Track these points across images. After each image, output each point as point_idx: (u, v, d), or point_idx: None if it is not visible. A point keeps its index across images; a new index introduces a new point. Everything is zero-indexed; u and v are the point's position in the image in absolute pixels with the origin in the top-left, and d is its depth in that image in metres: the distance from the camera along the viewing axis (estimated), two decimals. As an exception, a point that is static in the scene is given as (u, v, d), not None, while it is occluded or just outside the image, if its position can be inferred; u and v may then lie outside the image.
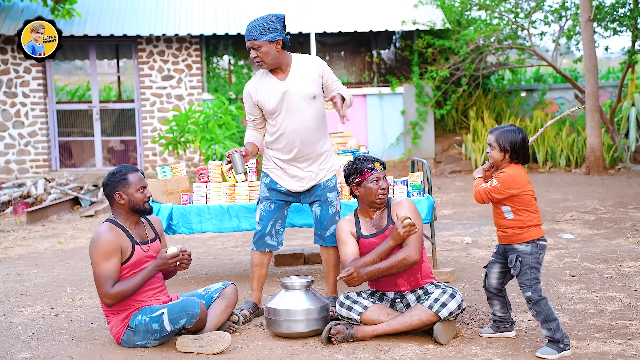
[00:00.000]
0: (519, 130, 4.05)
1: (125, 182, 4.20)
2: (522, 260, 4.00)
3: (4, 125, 13.16)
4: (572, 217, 8.27)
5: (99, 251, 4.11)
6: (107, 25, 13.02)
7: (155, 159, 13.39)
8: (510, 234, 4.05)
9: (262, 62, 4.61)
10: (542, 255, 4.05)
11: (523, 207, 4.02)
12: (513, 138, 4.03)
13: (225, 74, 13.90)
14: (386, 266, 4.23)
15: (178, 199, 5.66)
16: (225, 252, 7.23)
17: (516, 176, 4.01)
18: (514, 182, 4.00)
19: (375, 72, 14.51)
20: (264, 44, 4.55)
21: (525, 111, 14.69)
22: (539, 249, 4.03)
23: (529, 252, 4.01)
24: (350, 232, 4.41)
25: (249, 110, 4.79)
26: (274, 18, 4.59)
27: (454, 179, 12.75)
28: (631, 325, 4.32)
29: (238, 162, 4.57)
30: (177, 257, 4.17)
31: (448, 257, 6.49)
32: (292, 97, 4.64)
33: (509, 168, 4.05)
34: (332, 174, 4.86)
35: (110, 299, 4.12)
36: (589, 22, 11.91)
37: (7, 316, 4.94)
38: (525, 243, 4.02)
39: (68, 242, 7.86)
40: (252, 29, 4.56)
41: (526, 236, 4.02)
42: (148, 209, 4.26)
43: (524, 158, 4.06)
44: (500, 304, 4.23)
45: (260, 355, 4.02)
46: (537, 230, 4.03)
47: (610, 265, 5.94)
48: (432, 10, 13.87)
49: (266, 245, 4.80)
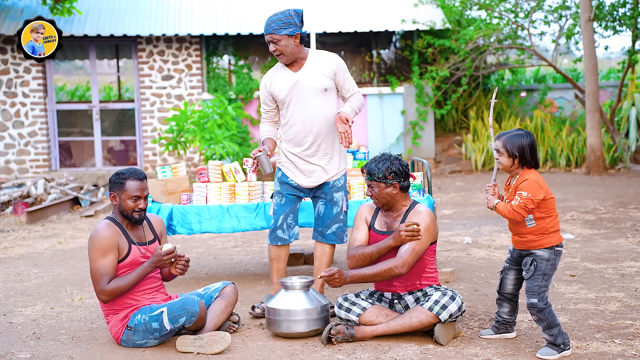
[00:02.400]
0: (527, 135, 3.96)
1: (121, 186, 4.21)
2: (537, 266, 3.92)
3: (4, 125, 13.16)
4: (572, 217, 8.27)
5: (96, 247, 4.12)
6: (107, 25, 13.02)
7: (155, 159, 13.38)
8: (529, 240, 3.97)
9: (281, 55, 4.69)
10: (557, 262, 3.98)
11: (546, 212, 3.93)
12: (521, 142, 3.94)
13: (225, 74, 13.90)
14: (371, 273, 4.19)
15: (178, 199, 5.66)
16: (225, 252, 7.23)
17: (540, 180, 3.93)
18: (540, 187, 3.90)
19: (375, 72, 14.51)
20: (283, 37, 4.64)
21: (525, 111, 14.69)
22: (556, 255, 3.96)
23: (547, 258, 3.93)
24: (366, 219, 4.42)
25: (263, 100, 4.92)
26: (292, 13, 4.68)
27: (454, 179, 12.75)
28: (631, 325, 4.32)
29: (265, 162, 4.72)
30: (172, 253, 4.16)
31: (448, 257, 6.49)
32: (302, 87, 4.73)
33: (528, 174, 3.95)
34: (341, 174, 4.89)
35: (106, 295, 4.13)
36: (589, 22, 11.90)
37: (7, 316, 4.94)
38: (545, 249, 3.94)
39: (68, 242, 7.86)
40: (272, 23, 4.65)
41: (546, 242, 3.94)
42: (136, 218, 4.22)
43: (534, 163, 3.98)
44: (510, 307, 4.19)
45: (260, 355, 4.02)
46: (557, 236, 3.96)
47: (610, 265, 5.94)
48: (432, 10, 13.87)
49: (278, 239, 4.86)
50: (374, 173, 4.29)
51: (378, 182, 4.29)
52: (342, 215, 4.88)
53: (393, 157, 4.36)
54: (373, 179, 4.29)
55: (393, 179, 4.28)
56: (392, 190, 4.29)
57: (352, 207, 5.41)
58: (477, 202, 10.02)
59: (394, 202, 4.33)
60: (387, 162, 4.31)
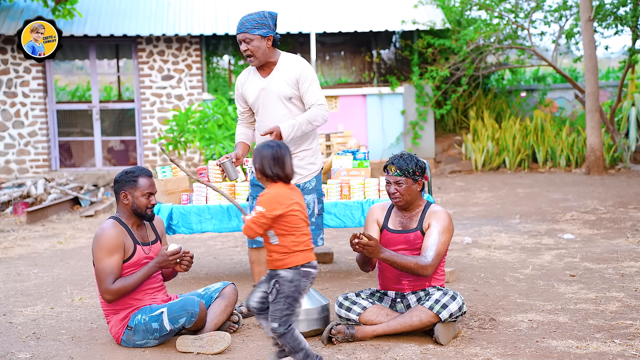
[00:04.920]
0: (272, 146, 3.66)
1: (134, 184, 4.22)
2: (280, 288, 3.61)
3: (4, 125, 13.16)
4: (572, 217, 8.27)
5: (102, 247, 4.13)
6: (107, 25, 13.02)
7: (155, 159, 13.38)
8: (274, 258, 3.67)
9: (252, 56, 4.67)
10: (305, 284, 3.66)
11: (287, 230, 3.63)
12: (261, 155, 3.66)
13: (225, 74, 13.90)
14: (402, 262, 4.19)
15: (178, 198, 5.67)
16: (225, 252, 7.23)
17: (280, 195, 3.62)
18: (278, 202, 3.59)
19: (375, 72, 14.51)
20: (255, 37, 4.63)
21: (525, 111, 14.70)
22: (303, 277, 3.64)
23: (290, 279, 3.62)
24: (377, 220, 4.43)
25: (237, 101, 4.94)
26: (267, 15, 4.68)
27: (454, 179, 12.75)
28: (631, 325, 4.32)
29: (230, 169, 4.68)
30: (178, 254, 4.18)
31: (448, 257, 6.48)
32: (267, 94, 4.73)
33: (272, 188, 3.66)
34: (311, 177, 4.84)
35: (111, 294, 4.13)
36: (589, 22, 11.90)
37: (7, 316, 4.94)
38: (288, 269, 3.63)
39: (68, 242, 7.86)
40: (246, 22, 4.64)
41: (290, 262, 3.63)
42: (149, 215, 4.27)
43: (277, 176, 3.65)
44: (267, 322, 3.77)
45: (260, 355, 4.02)
46: (303, 256, 3.65)
47: (610, 265, 5.94)
48: (432, 10, 13.87)
49: (253, 241, 4.87)
50: (404, 168, 4.27)
51: (407, 178, 4.28)
52: (314, 218, 4.86)
53: (415, 155, 4.37)
54: (404, 174, 4.27)
55: (420, 176, 4.29)
56: (417, 187, 4.31)
57: (351, 208, 5.41)
58: (477, 202, 10.02)
59: (415, 200, 4.34)
60: (414, 159, 4.31)
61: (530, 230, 7.65)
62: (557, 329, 4.29)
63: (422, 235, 4.29)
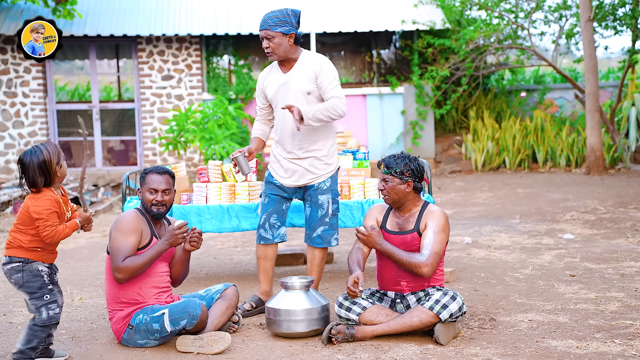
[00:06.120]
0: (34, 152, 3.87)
1: (143, 180, 4.33)
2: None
3: (4, 125, 13.16)
4: (572, 217, 8.27)
5: (119, 227, 4.20)
6: (107, 25, 13.02)
7: (155, 159, 13.38)
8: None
9: (272, 53, 4.69)
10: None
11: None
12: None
13: (225, 74, 13.90)
14: (399, 257, 4.21)
15: (178, 199, 5.67)
16: (225, 252, 7.23)
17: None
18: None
19: (375, 72, 14.51)
20: (277, 35, 4.63)
21: (525, 111, 14.70)
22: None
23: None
24: (376, 219, 4.44)
25: (258, 97, 4.97)
26: (290, 12, 4.68)
27: (454, 179, 12.75)
28: (631, 325, 4.32)
29: (243, 163, 4.73)
30: (184, 228, 4.20)
31: (448, 257, 6.48)
32: (287, 89, 4.74)
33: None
34: (327, 176, 4.85)
35: (121, 272, 4.13)
36: (589, 22, 11.91)
37: (7, 316, 4.94)
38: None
39: (68, 242, 7.86)
40: (268, 19, 4.65)
41: None
42: (154, 212, 4.28)
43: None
44: None
45: (260, 355, 4.02)
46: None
47: (610, 265, 5.94)
48: (432, 10, 13.87)
49: (261, 238, 4.87)
50: (392, 167, 4.29)
51: (394, 177, 4.29)
52: (328, 218, 4.85)
53: (412, 157, 4.38)
54: (390, 173, 4.29)
55: (409, 177, 4.28)
56: (405, 187, 4.29)
57: (351, 208, 5.41)
58: (477, 202, 10.02)
59: (404, 200, 4.33)
60: (406, 159, 4.33)
61: (530, 230, 7.65)
62: (557, 329, 4.29)
63: (419, 237, 4.29)
